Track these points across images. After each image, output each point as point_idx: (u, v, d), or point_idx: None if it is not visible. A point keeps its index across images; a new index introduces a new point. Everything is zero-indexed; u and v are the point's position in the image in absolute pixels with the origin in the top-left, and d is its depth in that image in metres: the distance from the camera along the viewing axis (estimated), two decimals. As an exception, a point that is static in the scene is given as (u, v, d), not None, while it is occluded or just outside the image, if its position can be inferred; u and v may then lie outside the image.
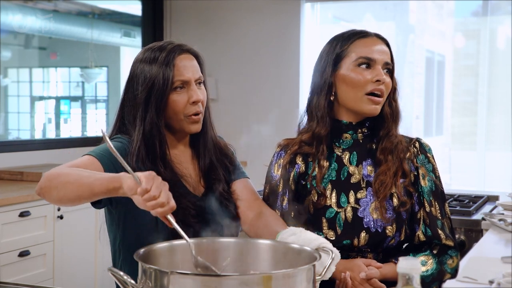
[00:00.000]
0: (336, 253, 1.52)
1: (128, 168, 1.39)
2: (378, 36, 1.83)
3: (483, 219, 2.53)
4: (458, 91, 5.33)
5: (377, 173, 1.79)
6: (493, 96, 4.41)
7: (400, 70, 5.02)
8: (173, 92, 1.74)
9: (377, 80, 1.75)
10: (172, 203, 1.37)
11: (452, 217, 1.89)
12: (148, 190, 1.34)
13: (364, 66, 1.76)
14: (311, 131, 1.82)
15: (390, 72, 1.82)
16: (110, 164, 1.65)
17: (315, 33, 4.76)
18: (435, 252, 1.79)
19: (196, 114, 1.76)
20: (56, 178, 1.53)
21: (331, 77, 1.79)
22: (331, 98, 1.81)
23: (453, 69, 5.63)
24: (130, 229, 1.74)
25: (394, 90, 1.83)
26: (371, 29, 1.87)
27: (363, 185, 1.80)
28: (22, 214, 3.12)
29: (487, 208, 2.99)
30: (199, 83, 1.79)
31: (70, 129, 7.28)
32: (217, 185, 1.81)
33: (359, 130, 1.84)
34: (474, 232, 2.71)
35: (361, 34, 1.81)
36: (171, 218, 1.39)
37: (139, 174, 1.38)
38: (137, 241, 1.59)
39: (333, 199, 1.79)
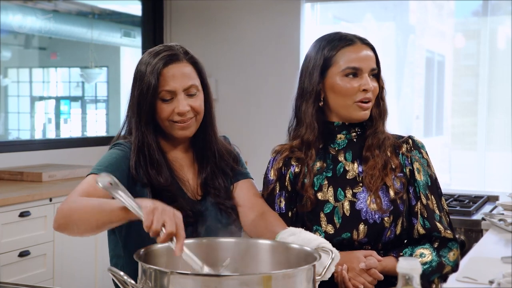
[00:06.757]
0: (336, 253, 1.52)
1: (130, 206, 1.37)
2: (363, 41, 1.84)
3: (483, 219, 2.53)
4: (458, 91, 5.32)
5: (366, 169, 1.81)
6: (493, 96, 4.41)
7: (400, 70, 5.01)
8: (160, 102, 1.73)
9: (364, 90, 1.78)
10: (175, 231, 1.33)
11: (452, 217, 1.90)
12: (149, 226, 1.33)
13: (351, 75, 1.80)
14: (300, 137, 1.86)
15: (377, 75, 1.84)
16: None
17: (315, 33, 4.74)
18: (435, 245, 1.80)
19: (182, 121, 1.75)
20: (72, 214, 1.54)
21: (319, 85, 1.83)
22: (320, 104, 1.84)
23: (453, 69, 5.61)
24: (132, 237, 1.74)
25: (381, 89, 1.86)
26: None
27: (359, 180, 1.82)
28: (22, 214, 3.12)
29: (487, 208, 2.99)
30: (191, 94, 1.75)
31: (70, 129, 7.29)
32: (212, 195, 1.80)
33: (352, 130, 1.86)
34: (474, 232, 2.71)
35: (347, 42, 1.82)
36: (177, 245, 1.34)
37: (143, 206, 1.36)
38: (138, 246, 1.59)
39: (330, 194, 1.81)
